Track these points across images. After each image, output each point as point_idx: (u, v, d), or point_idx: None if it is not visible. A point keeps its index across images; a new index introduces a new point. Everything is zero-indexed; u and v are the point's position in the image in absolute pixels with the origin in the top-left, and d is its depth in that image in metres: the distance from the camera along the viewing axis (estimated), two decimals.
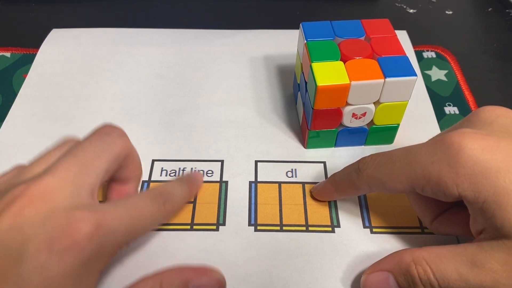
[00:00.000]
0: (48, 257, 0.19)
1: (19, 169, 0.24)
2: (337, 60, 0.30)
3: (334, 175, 0.29)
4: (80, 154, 0.23)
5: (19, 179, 0.22)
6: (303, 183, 0.31)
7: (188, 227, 0.29)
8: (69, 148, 0.24)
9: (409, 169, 0.24)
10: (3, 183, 0.23)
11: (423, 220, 0.28)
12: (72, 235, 0.20)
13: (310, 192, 0.31)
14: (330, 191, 0.29)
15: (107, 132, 0.25)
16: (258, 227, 0.29)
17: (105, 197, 0.29)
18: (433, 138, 0.25)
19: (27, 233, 0.20)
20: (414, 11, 0.47)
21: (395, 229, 0.29)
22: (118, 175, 0.27)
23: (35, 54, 0.40)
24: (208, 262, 0.27)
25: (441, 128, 0.35)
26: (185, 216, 0.29)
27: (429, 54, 0.42)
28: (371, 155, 0.26)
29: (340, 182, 0.28)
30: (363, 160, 0.26)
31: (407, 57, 0.30)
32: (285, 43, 0.41)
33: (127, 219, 0.22)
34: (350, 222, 0.29)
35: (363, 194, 0.30)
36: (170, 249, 0.28)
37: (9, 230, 0.20)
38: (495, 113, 0.24)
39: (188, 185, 0.28)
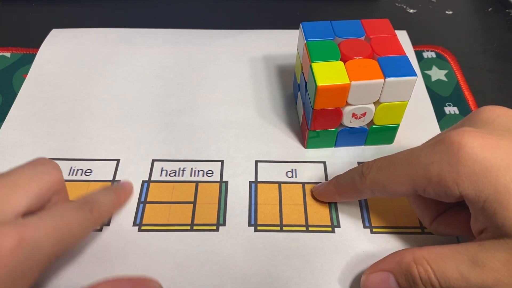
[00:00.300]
0: None
1: None
2: (337, 60, 0.30)
3: (337, 177, 0.29)
4: (10, 176, 0.23)
5: None
6: (303, 183, 0.31)
7: (188, 227, 0.29)
8: (2, 172, 0.24)
9: (410, 170, 0.24)
10: None
11: (423, 221, 0.28)
12: None
13: (311, 191, 0.31)
14: (332, 193, 0.29)
15: (42, 162, 0.25)
16: (258, 227, 0.29)
17: None
18: (433, 138, 0.25)
19: None
20: (414, 11, 0.47)
21: (395, 229, 0.29)
22: None
23: (35, 54, 0.40)
24: (208, 263, 0.27)
25: (441, 128, 0.35)
26: (185, 216, 0.29)
27: (429, 54, 0.42)
28: (375, 160, 0.26)
29: (343, 185, 0.28)
30: (366, 165, 0.26)
31: (407, 57, 0.30)
32: (285, 43, 0.41)
33: (53, 229, 0.22)
34: (350, 222, 0.29)
35: (364, 198, 0.30)
36: (170, 249, 0.28)
37: None
38: (495, 112, 0.24)
39: (115, 193, 0.27)
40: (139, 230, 0.29)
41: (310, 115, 0.30)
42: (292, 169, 0.32)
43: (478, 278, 0.21)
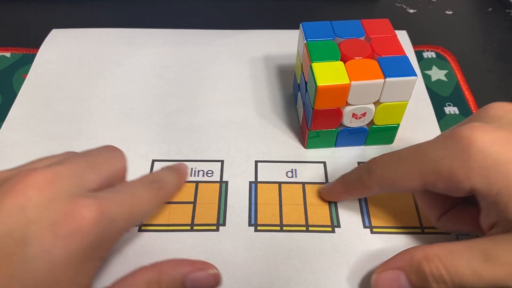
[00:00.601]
0: (52, 242, 0.19)
1: (31, 162, 0.25)
2: (337, 60, 0.30)
3: (344, 175, 0.29)
4: (88, 156, 0.24)
5: (27, 167, 0.23)
6: (303, 183, 0.31)
7: (188, 227, 0.29)
8: (80, 152, 0.25)
9: (420, 165, 0.23)
10: (13, 169, 0.23)
11: (430, 218, 0.27)
12: (76, 221, 0.20)
13: (318, 192, 0.30)
14: (339, 192, 0.29)
15: (113, 149, 0.26)
16: (258, 227, 0.29)
17: None
18: (443, 133, 0.25)
19: (30, 215, 0.20)
20: (414, 11, 0.47)
21: (395, 229, 0.29)
22: None
23: (35, 54, 0.40)
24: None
25: (441, 128, 0.35)
26: (185, 216, 0.29)
27: (429, 54, 0.42)
28: (381, 155, 0.26)
29: (350, 182, 0.28)
30: (373, 160, 0.26)
31: (407, 57, 0.30)
32: (285, 43, 0.41)
33: (127, 205, 0.23)
34: (350, 222, 0.29)
35: (372, 195, 0.29)
36: (171, 249, 0.28)
37: (12, 210, 0.20)
38: (503, 109, 0.24)
39: (177, 173, 0.29)
40: (139, 230, 0.29)
41: (310, 115, 0.30)
42: (292, 169, 0.32)
43: (491, 273, 0.21)
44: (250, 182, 0.31)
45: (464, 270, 0.21)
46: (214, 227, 0.29)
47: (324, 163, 0.32)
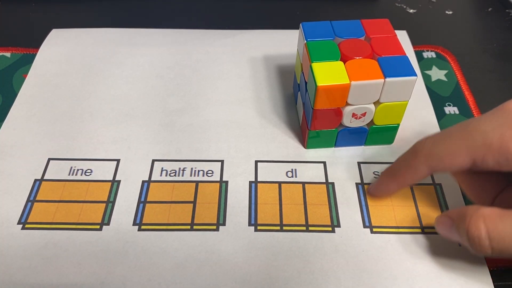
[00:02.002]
0: None
1: None
2: (337, 60, 0.30)
3: (388, 167, 0.29)
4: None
5: None
6: (303, 183, 0.31)
7: (188, 227, 0.29)
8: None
9: (468, 139, 0.23)
10: None
11: (482, 203, 0.27)
12: None
13: (367, 192, 0.30)
14: (387, 183, 0.29)
15: None
16: (258, 227, 0.29)
17: None
18: (492, 109, 0.25)
19: None
20: (414, 11, 0.47)
21: (395, 229, 0.29)
22: None
23: (35, 54, 0.40)
24: (208, 263, 0.27)
25: (441, 128, 0.35)
26: (185, 216, 0.29)
27: (429, 54, 0.42)
28: (426, 136, 0.26)
29: (397, 170, 0.28)
30: (419, 142, 0.26)
31: (407, 57, 0.30)
32: (285, 43, 0.41)
33: None
34: (350, 222, 0.29)
35: (420, 179, 0.28)
36: (170, 249, 0.28)
37: None
38: None
39: None
40: (139, 229, 0.29)
41: (310, 115, 0.30)
42: (292, 169, 0.32)
43: None
44: (250, 182, 0.31)
45: (510, 236, 0.21)
46: (214, 227, 0.29)
47: (324, 163, 0.32)
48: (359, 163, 0.32)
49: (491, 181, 0.26)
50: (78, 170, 0.32)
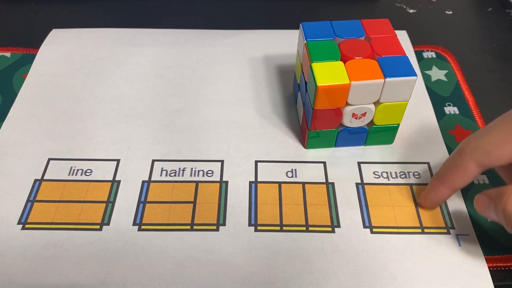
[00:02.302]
0: None
1: None
2: (337, 60, 0.30)
3: (436, 172, 0.28)
4: None
5: None
6: (303, 183, 0.31)
7: (188, 227, 0.29)
8: None
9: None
10: None
11: None
12: None
13: (419, 203, 0.30)
14: (439, 188, 0.28)
15: None
16: (258, 227, 0.29)
17: None
18: None
19: None
20: (414, 11, 0.47)
21: (395, 229, 0.29)
22: None
23: (35, 54, 0.40)
24: (208, 263, 0.27)
25: (441, 128, 0.35)
26: (185, 216, 0.29)
27: (429, 54, 0.42)
28: (470, 135, 0.26)
29: (445, 172, 0.27)
30: (463, 141, 0.26)
31: (407, 57, 0.30)
32: (285, 43, 0.41)
33: None
34: (350, 222, 0.29)
35: (471, 179, 0.27)
36: (170, 249, 0.28)
37: None
38: None
39: None
40: (139, 229, 0.29)
41: (310, 115, 0.30)
42: (292, 169, 0.32)
43: None
44: (250, 182, 0.31)
45: None
46: (214, 227, 0.29)
47: (324, 163, 0.32)
48: (359, 163, 0.32)
49: None
50: (78, 170, 0.32)
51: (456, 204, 0.30)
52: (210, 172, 0.32)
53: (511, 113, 0.24)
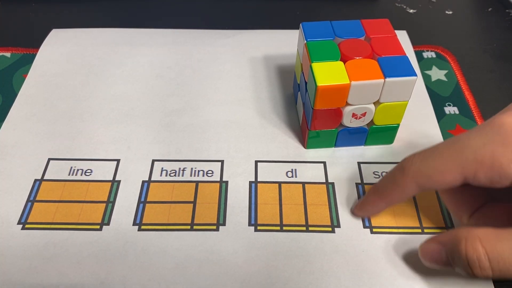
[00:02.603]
0: None
1: None
2: (337, 60, 0.30)
3: (374, 185, 0.28)
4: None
5: None
6: (303, 183, 0.31)
7: (188, 227, 0.29)
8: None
9: (459, 156, 0.23)
10: None
11: (459, 217, 0.27)
12: None
13: (352, 211, 0.30)
14: (374, 202, 0.28)
15: None
16: (258, 227, 0.29)
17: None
18: (481, 124, 0.24)
19: None
20: (414, 11, 0.47)
21: (395, 229, 0.29)
22: None
23: (35, 54, 0.40)
24: (208, 263, 0.27)
25: (441, 128, 0.35)
26: (185, 216, 0.29)
27: (429, 54, 0.42)
28: (414, 154, 0.25)
29: (384, 188, 0.27)
30: (406, 159, 0.26)
31: (407, 57, 0.30)
32: (285, 43, 0.41)
33: None
34: (350, 222, 0.29)
35: (409, 197, 0.28)
36: (170, 249, 0.28)
37: None
38: None
39: None
40: (139, 229, 0.29)
41: (310, 115, 0.30)
42: (292, 169, 0.32)
43: None
44: (250, 182, 0.31)
45: (509, 256, 0.21)
46: (214, 227, 0.29)
47: (324, 163, 0.32)
48: (359, 163, 0.32)
49: (473, 195, 0.26)
50: (78, 170, 0.32)
51: None
52: (210, 172, 0.32)
53: (459, 138, 0.24)
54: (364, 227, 0.29)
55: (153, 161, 0.32)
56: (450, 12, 0.47)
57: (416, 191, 0.25)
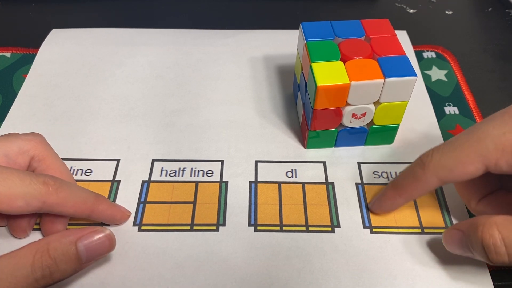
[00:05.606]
0: None
1: None
2: (337, 60, 0.30)
3: (392, 181, 0.28)
4: None
5: None
6: (303, 183, 0.31)
7: (188, 227, 0.29)
8: None
9: (479, 146, 0.23)
10: None
11: (467, 202, 0.27)
12: None
13: (369, 208, 0.30)
14: (393, 198, 0.28)
15: (27, 133, 0.28)
16: (258, 227, 0.29)
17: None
18: (498, 112, 0.24)
19: None
20: (414, 11, 0.47)
21: (395, 229, 0.29)
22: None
23: (35, 54, 0.40)
24: (208, 263, 0.27)
25: (441, 128, 0.35)
26: (185, 216, 0.29)
27: (429, 54, 0.42)
28: (431, 149, 0.26)
29: (403, 183, 0.27)
30: (425, 154, 0.26)
31: (407, 57, 0.30)
32: (285, 43, 0.41)
33: None
34: (350, 222, 0.29)
35: (428, 192, 0.28)
36: (170, 249, 0.28)
37: None
38: None
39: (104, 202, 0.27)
40: (139, 230, 0.29)
41: (310, 115, 0.30)
42: (292, 169, 0.32)
43: None
44: (250, 182, 0.31)
45: None
46: (214, 227, 0.29)
47: (324, 163, 0.32)
48: (359, 163, 0.32)
49: (484, 182, 0.26)
50: (78, 170, 0.32)
51: (456, 204, 0.30)
52: (210, 172, 0.32)
53: (477, 128, 0.24)
54: (364, 227, 0.29)
55: (153, 161, 0.32)
56: (450, 12, 0.47)
57: (436, 185, 0.26)
